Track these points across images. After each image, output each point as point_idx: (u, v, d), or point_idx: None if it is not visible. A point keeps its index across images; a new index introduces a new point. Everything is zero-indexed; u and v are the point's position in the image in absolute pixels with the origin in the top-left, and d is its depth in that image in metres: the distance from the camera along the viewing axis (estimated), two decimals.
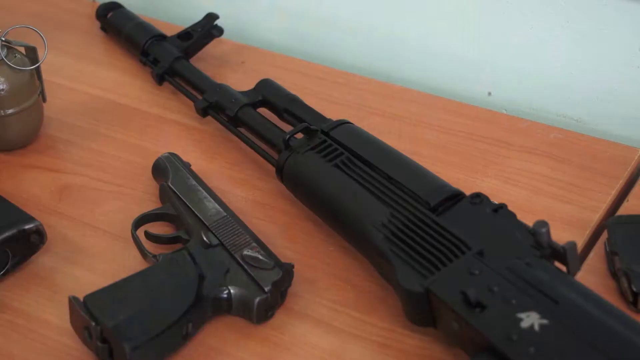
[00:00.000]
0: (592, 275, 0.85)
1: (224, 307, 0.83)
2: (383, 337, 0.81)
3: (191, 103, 1.07)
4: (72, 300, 0.79)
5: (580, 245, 0.88)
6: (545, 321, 0.70)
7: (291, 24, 1.26)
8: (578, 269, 0.74)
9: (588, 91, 1.07)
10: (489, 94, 1.14)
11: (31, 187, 1.00)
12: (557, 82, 1.08)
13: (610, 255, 0.84)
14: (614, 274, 0.83)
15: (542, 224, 0.75)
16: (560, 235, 0.79)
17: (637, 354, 0.66)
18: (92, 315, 0.77)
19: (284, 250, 0.90)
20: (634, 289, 0.79)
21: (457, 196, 0.83)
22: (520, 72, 1.11)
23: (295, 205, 0.95)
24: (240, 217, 0.90)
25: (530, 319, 0.70)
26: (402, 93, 1.12)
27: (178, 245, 0.88)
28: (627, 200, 0.93)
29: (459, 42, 1.14)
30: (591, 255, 0.87)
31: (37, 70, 1.02)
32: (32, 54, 1.02)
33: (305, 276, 0.87)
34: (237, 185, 0.99)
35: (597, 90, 1.06)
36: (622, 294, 0.82)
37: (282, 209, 0.96)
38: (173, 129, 1.08)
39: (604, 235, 0.87)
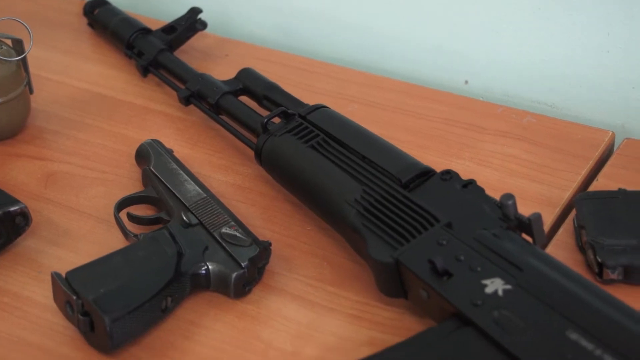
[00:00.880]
0: (561, 249, 0.87)
1: (203, 283, 0.85)
2: (357, 309, 0.84)
3: (175, 94, 1.10)
4: (55, 276, 0.81)
5: (550, 221, 0.91)
6: (509, 287, 0.72)
7: (274, 18, 1.29)
8: (544, 239, 0.77)
9: (560, 77, 1.09)
10: (466, 82, 1.16)
11: (18, 174, 1.02)
12: (531, 68, 1.11)
13: (578, 229, 0.86)
14: (581, 248, 0.86)
15: (509, 196, 0.77)
16: (531, 213, 0.81)
17: (599, 317, 0.68)
18: (73, 289, 0.80)
19: (263, 231, 0.92)
20: (599, 260, 0.82)
21: (427, 173, 0.85)
22: (495, 60, 1.13)
23: (274, 188, 0.98)
24: (221, 199, 0.93)
25: (495, 285, 0.73)
26: (380, 82, 1.15)
27: (159, 226, 0.90)
28: (597, 180, 0.95)
29: (436, 33, 1.17)
30: (560, 230, 0.89)
31: (24, 61, 1.05)
32: (18, 47, 1.05)
33: (283, 254, 0.90)
34: (219, 170, 1.02)
35: (569, 75, 1.08)
36: (588, 266, 0.84)
37: (261, 192, 0.98)
38: (157, 118, 1.11)
39: (574, 212, 0.89)
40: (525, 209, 0.79)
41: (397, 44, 1.20)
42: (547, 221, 0.90)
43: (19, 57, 1.03)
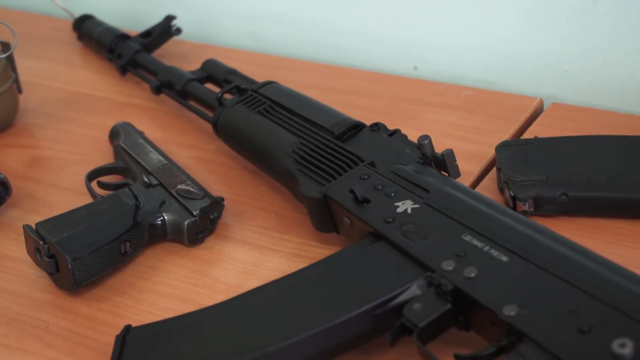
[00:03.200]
0: (485, 192, 0.95)
1: (160, 233, 0.95)
2: (298, 249, 0.93)
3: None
4: (26, 228, 0.91)
5: (477, 171, 0.99)
6: (417, 206, 0.81)
7: (245, 26, 1.40)
8: (457, 172, 0.86)
9: (495, 55, 1.18)
10: (415, 68, 1.26)
11: (6, 161, 1.13)
12: (470, 50, 1.20)
13: (498, 172, 0.95)
14: (501, 189, 0.94)
15: (425, 137, 0.87)
16: (461, 166, 0.89)
17: (490, 222, 0.77)
18: (40, 236, 0.90)
19: (221, 192, 1.01)
20: (512, 194, 0.90)
21: (358, 126, 0.95)
22: (439, 46, 1.23)
23: (233, 159, 1.08)
24: (185, 170, 1.02)
25: (405, 205, 0.82)
26: (338, 71, 1.26)
27: None
28: (522, 137, 1.04)
29: (386, 26, 1.27)
30: (486, 178, 0.98)
31: (10, 60, 1.17)
32: (6, 49, 1.16)
33: (236, 210, 0.99)
34: (185, 148, 1.12)
35: (503, 53, 1.18)
36: (506, 203, 0.92)
37: (221, 163, 1.08)
38: (134, 110, 1.22)
39: None
40: (458, 164, 0.88)
41: (352, 39, 1.31)
42: (475, 171, 0.99)
43: (4, 55, 1.14)
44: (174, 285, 0.90)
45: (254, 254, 0.93)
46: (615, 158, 0.91)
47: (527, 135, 1.04)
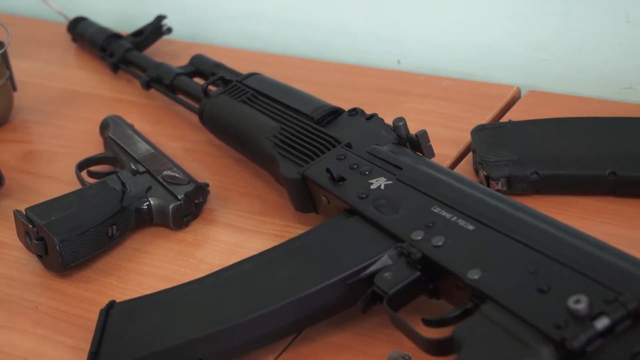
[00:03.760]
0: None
1: (146, 217, 0.98)
2: (280, 231, 0.96)
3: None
4: (16, 213, 0.95)
5: (455, 155, 1.02)
6: (390, 182, 0.84)
7: (235, 25, 1.44)
8: (432, 154, 0.89)
9: (475, 48, 1.21)
10: (398, 62, 1.29)
11: (1, 155, 1.16)
12: (452, 43, 1.23)
13: (473, 154, 0.98)
14: (476, 170, 0.97)
15: (399, 119, 0.90)
16: (439, 151, 0.93)
17: (458, 195, 0.79)
18: (30, 220, 0.93)
19: (207, 180, 1.03)
20: (486, 174, 0.93)
21: (337, 111, 0.98)
22: (421, 40, 1.26)
23: (220, 149, 1.11)
24: (172, 159, 1.06)
25: (379, 182, 0.85)
26: (325, 66, 1.29)
27: None
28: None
29: (370, 23, 1.30)
30: (462, 161, 1.01)
31: (4, 57, 1.20)
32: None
33: (221, 195, 1.02)
34: (174, 139, 1.15)
35: (482, 45, 1.21)
36: (481, 184, 0.95)
37: (208, 152, 1.11)
38: (125, 106, 1.25)
39: None
40: (436, 149, 0.91)
41: (338, 36, 1.34)
42: (452, 155, 1.02)
43: None
44: (160, 267, 0.93)
45: (237, 236, 0.96)
46: (584, 138, 0.94)
47: (505, 120, 1.06)
